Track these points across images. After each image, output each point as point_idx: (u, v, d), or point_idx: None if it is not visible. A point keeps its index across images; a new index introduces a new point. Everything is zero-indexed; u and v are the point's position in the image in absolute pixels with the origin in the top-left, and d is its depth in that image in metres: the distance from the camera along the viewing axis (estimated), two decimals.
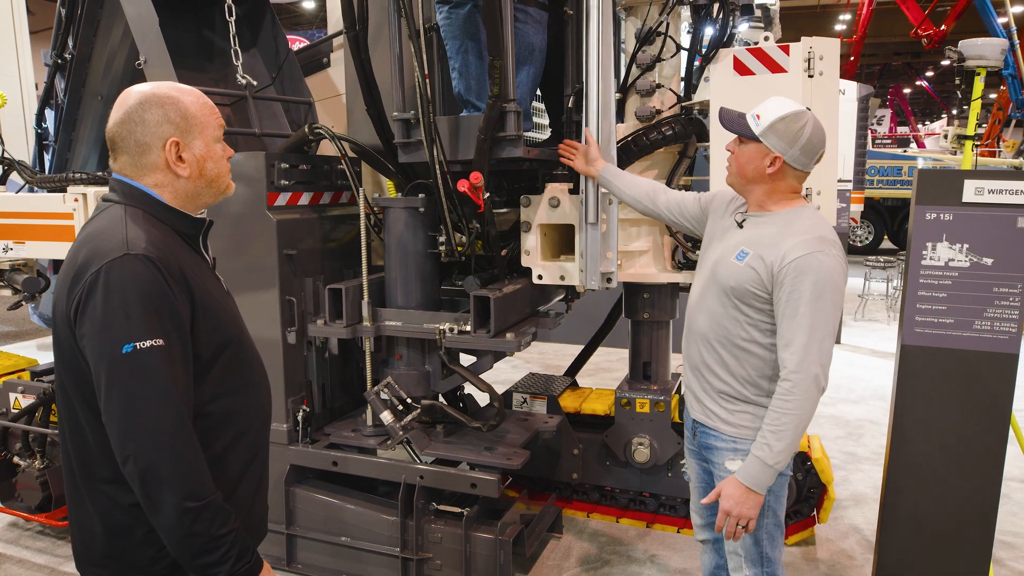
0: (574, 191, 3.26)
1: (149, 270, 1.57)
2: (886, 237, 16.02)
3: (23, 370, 4.30)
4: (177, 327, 1.60)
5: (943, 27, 14.88)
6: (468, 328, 3.20)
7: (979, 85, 3.39)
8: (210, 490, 1.60)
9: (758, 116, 2.26)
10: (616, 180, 2.89)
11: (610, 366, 7.22)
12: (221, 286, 1.88)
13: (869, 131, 16.06)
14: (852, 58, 19.98)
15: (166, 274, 1.59)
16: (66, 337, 1.63)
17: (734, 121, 2.32)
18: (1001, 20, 12.70)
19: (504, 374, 6.99)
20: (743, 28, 5.83)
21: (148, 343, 1.54)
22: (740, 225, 2.37)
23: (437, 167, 3.08)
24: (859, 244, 15.82)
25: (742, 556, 2.40)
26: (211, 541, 1.58)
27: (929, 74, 30.57)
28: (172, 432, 1.56)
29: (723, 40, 3.32)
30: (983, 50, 3.28)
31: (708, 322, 2.37)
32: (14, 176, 4.69)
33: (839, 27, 23.41)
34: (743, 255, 2.28)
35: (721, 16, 3.32)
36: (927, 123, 31.22)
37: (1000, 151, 18.31)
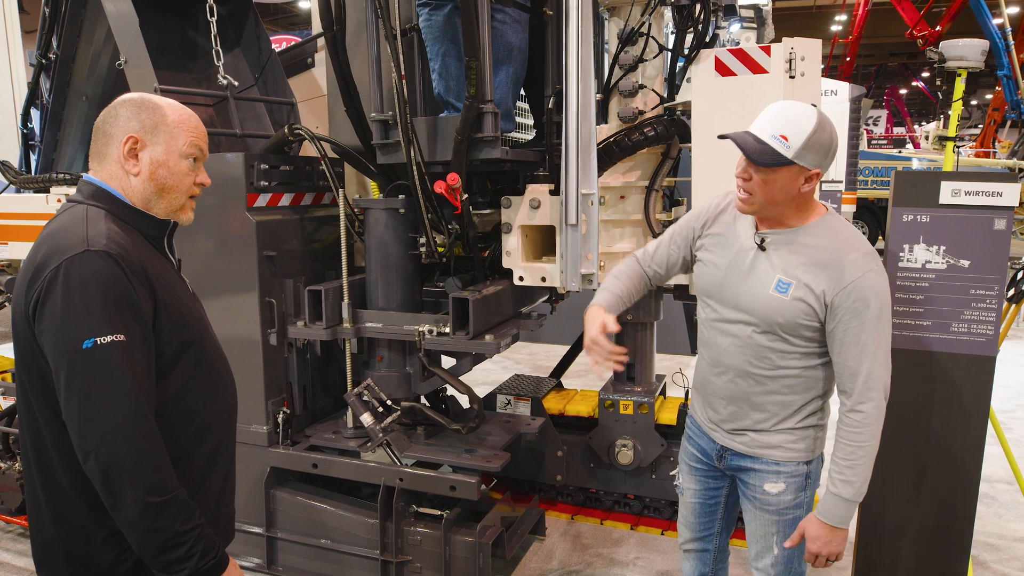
0: (555, 192, 3.25)
1: (110, 265, 1.56)
2: (880, 238, 16.02)
3: (5, 371, 4.29)
4: (139, 322, 1.59)
5: (938, 28, 14.91)
6: (447, 330, 3.19)
7: (960, 86, 3.38)
8: (173, 485, 1.59)
9: (784, 137, 1.97)
10: (616, 296, 2.42)
11: None
12: (187, 287, 1.88)
13: (865, 132, 16.08)
14: (848, 59, 20.02)
15: (127, 270, 1.59)
16: (25, 335, 1.62)
17: (759, 150, 2.00)
18: (996, 21, 12.70)
19: (493, 375, 6.98)
20: (734, 28, 5.82)
21: (109, 338, 1.53)
22: (762, 247, 2.15)
23: (415, 168, 3.07)
24: None
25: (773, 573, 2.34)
26: (175, 537, 1.57)
27: (925, 75, 30.59)
28: (133, 427, 1.55)
29: (705, 41, 3.31)
30: (964, 51, 3.27)
31: (750, 358, 2.19)
32: None
33: (835, 27, 23.43)
34: (784, 287, 2.08)
35: (703, 17, 3.30)
36: (923, 124, 31.24)
37: (995, 151, 18.33)
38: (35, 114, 5.02)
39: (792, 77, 3.10)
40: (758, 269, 2.15)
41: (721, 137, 2.11)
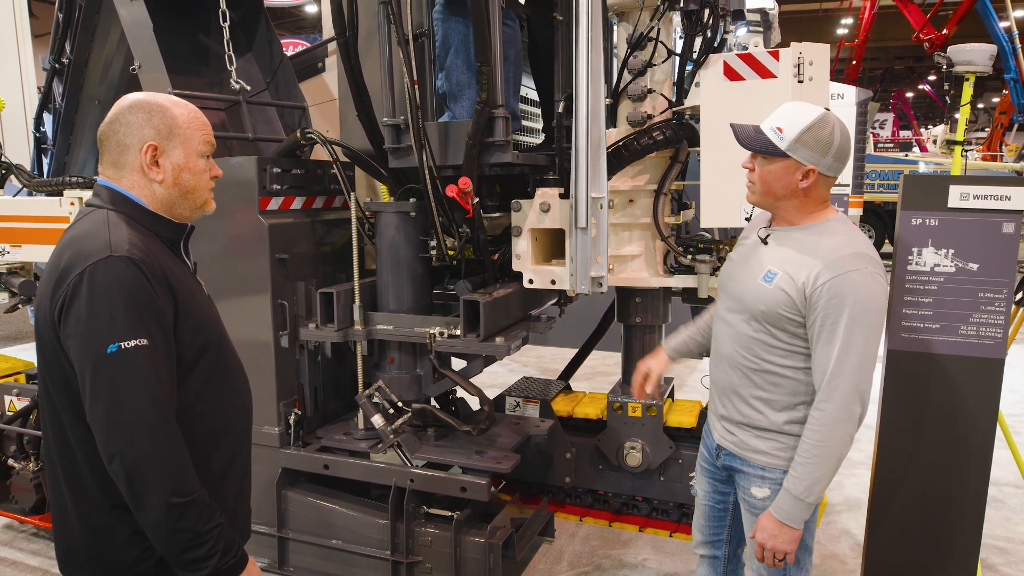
0: (565, 196, 3.27)
1: (133, 271, 1.59)
2: (887, 241, 15.97)
3: (19, 373, 4.33)
4: (161, 327, 1.63)
5: (945, 31, 14.86)
6: (458, 332, 3.21)
7: (968, 90, 3.40)
8: (195, 486, 1.63)
9: (780, 129, 2.08)
10: (687, 339, 2.67)
11: (607, 370, 7.22)
12: (203, 290, 1.91)
13: (871, 135, 16.06)
14: (854, 62, 19.98)
15: (149, 275, 1.62)
16: (49, 340, 1.65)
17: (752, 138, 2.13)
18: (1003, 24, 12.68)
19: (501, 378, 7.00)
20: (741, 32, 5.83)
21: (133, 343, 1.56)
22: (764, 241, 2.22)
23: (426, 172, 3.10)
24: None
25: None
26: (197, 536, 1.61)
27: (932, 78, 30.55)
28: (157, 430, 1.58)
29: (714, 45, 3.34)
30: (972, 55, 3.28)
31: (738, 348, 2.25)
32: (12, 179, 4.72)
33: (841, 31, 23.41)
34: (771, 276, 2.14)
35: (712, 21, 3.32)
36: (930, 127, 31.19)
37: (1002, 155, 18.28)
38: (47, 118, 5.07)
39: (800, 82, 3.12)
40: (756, 261, 2.23)
41: (732, 125, 2.21)
